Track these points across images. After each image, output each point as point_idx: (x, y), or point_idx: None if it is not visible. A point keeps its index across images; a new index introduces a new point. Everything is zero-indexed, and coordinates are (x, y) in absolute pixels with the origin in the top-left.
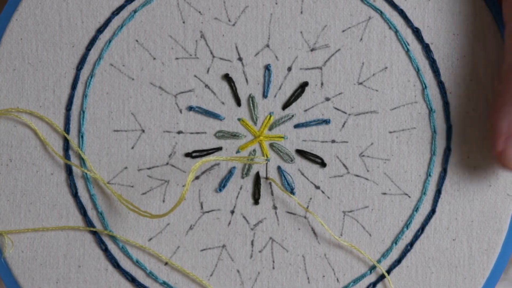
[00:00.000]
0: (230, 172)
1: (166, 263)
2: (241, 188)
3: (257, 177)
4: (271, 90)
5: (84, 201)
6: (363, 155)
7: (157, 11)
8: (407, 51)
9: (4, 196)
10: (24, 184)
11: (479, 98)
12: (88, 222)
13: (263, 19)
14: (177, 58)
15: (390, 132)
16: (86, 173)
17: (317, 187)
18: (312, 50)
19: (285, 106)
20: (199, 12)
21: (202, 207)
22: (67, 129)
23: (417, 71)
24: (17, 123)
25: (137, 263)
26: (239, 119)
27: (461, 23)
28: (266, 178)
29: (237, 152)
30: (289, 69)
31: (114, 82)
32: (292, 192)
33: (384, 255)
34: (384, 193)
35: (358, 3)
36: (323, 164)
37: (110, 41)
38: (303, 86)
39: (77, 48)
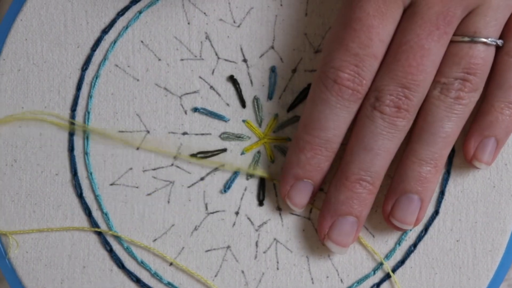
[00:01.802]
0: (235, 174)
1: (171, 264)
2: (245, 190)
3: (262, 179)
4: (276, 92)
5: (89, 202)
6: None
7: (162, 12)
8: None
9: (9, 196)
10: (29, 185)
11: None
12: (93, 223)
13: (268, 20)
14: (182, 59)
15: None
16: (91, 174)
17: (321, 189)
18: (316, 52)
19: (290, 108)
20: (204, 13)
21: (207, 208)
22: (72, 129)
23: None
24: (21, 123)
25: (142, 264)
26: (243, 121)
27: None
28: (271, 179)
29: (242, 153)
30: (294, 71)
31: (119, 83)
32: None
33: (388, 256)
34: None
35: None
36: None
37: (115, 42)
38: (308, 88)
39: (82, 49)
